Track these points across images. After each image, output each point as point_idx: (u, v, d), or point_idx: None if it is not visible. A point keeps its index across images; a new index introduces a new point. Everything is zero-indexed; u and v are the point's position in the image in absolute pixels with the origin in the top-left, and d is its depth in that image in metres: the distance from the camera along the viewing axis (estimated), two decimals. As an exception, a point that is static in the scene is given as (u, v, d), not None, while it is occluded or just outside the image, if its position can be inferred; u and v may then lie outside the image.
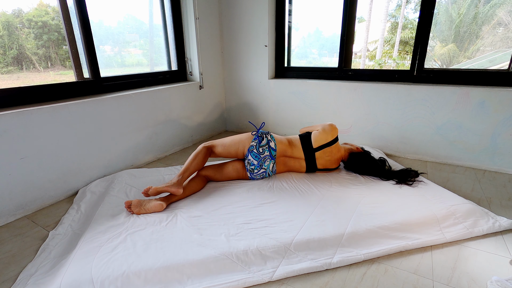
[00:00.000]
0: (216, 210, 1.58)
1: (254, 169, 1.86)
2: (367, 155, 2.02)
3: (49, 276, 1.15)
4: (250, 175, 1.90)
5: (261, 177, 1.93)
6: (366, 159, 2.00)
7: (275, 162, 1.91)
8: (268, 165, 1.88)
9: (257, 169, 1.86)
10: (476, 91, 2.14)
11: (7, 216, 1.61)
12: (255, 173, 1.88)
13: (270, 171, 1.92)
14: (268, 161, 1.87)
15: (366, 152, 2.04)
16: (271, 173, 1.94)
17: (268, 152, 1.85)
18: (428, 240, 1.36)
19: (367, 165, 1.99)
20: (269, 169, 1.90)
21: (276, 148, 1.87)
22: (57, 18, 1.99)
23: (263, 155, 1.84)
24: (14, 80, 1.85)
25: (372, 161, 2.00)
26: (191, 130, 2.88)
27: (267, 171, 1.90)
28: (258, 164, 1.85)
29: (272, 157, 1.87)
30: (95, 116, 1.97)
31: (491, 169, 2.21)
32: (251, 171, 1.88)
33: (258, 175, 1.90)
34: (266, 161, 1.86)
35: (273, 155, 1.87)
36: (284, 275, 1.18)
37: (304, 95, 2.83)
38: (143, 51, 2.74)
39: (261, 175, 1.91)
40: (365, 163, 1.99)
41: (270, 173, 1.94)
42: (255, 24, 2.86)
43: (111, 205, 1.64)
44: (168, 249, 1.26)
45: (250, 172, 1.88)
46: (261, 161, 1.85)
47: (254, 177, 1.92)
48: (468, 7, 8.41)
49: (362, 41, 11.32)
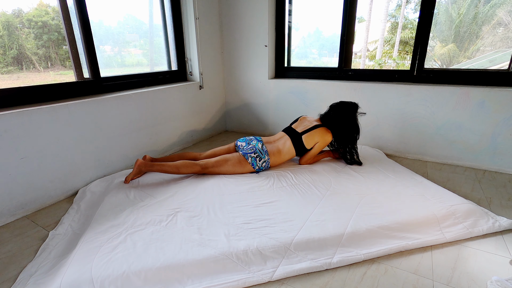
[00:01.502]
0: (216, 210, 1.58)
1: (244, 147, 2.04)
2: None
3: (49, 276, 1.15)
4: (241, 152, 2.02)
5: (252, 152, 2.00)
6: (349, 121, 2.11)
7: (263, 143, 2.06)
8: (256, 143, 2.04)
9: (245, 146, 2.04)
10: (476, 91, 2.14)
11: (7, 216, 1.61)
12: (245, 149, 2.03)
13: (260, 149, 2.02)
14: (255, 141, 2.06)
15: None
16: (262, 152, 2.01)
17: (254, 138, 2.11)
18: (428, 240, 1.36)
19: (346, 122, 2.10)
20: (258, 147, 2.02)
21: (261, 139, 2.11)
22: (57, 18, 1.99)
23: (249, 138, 2.11)
24: (14, 80, 1.85)
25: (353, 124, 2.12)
26: (191, 130, 2.88)
27: (256, 147, 2.01)
28: (246, 143, 2.06)
29: (258, 140, 2.08)
30: (95, 116, 1.97)
31: (491, 169, 2.22)
32: (242, 149, 2.04)
33: (249, 149, 2.01)
34: (253, 141, 2.07)
35: (259, 139, 2.09)
36: (284, 275, 1.18)
37: (304, 95, 2.83)
38: (143, 51, 2.74)
39: (251, 150, 2.01)
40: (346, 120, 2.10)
41: (262, 152, 2.01)
42: (255, 24, 2.86)
43: (111, 205, 1.64)
44: (168, 249, 1.26)
45: (241, 150, 2.03)
46: (248, 141, 2.08)
47: (245, 152, 2.00)
48: (468, 7, 8.41)
49: (362, 41, 11.33)
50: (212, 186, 1.85)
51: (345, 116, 2.10)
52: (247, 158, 1.99)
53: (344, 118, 2.10)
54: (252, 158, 1.99)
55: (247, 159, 1.99)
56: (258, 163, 2.00)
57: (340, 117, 2.10)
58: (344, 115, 2.10)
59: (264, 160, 2.02)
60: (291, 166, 2.17)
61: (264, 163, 2.02)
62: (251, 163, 1.99)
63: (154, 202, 1.67)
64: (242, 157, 2.00)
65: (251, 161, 1.98)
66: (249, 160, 1.98)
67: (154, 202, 1.67)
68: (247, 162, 1.99)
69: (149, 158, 2.06)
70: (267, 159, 2.02)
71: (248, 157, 1.99)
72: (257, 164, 2.00)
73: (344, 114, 2.10)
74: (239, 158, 2.00)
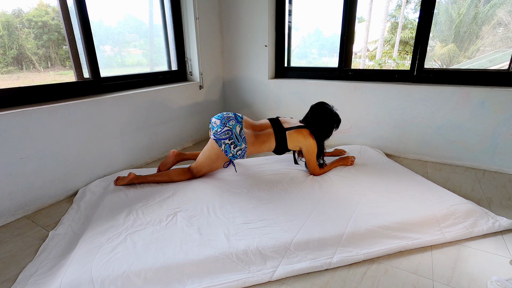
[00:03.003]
0: (216, 210, 1.58)
1: (218, 130, 1.77)
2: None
3: (49, 276, 1.15)
4: (214, 136, 1.77)
5: (226, 138, 1.75)
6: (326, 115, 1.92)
7: (242, 128, 1.80)
8: (234, 126, 1.77)
9: (220, 128, 1.76)
10: (476, 91, 2.14)
11: (7, 216, 1.61)
12: (218, 133, 1.75)
13: (238, 134, 1.76)
14: (233, 122, 1.77)
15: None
16: (240, 138, 1.77)
17: (234, 116, 1.82)
18: (428, 240, 1.36)
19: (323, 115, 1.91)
20: (236, 131, 1.76)
21: (242, 120, 1.84)
22: (57, 18, 1.99)
23: (227, 115, 1.81)
24: (14, 80, 1.85)
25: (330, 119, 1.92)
26: (191, 130, 2.88)
27: (232, 130, 1.75)
28: (221, 123, 1.78)
29: (238, 121, 1.80)
30: (95, 116, 1.97)
31: (491, 169, 2.21)
32: (215, 133, 1.77)
33: (223, 134, 1.75)
34: (231, 121, 1.78)
35: (239, 120, 1.81)
36: (284, 275, 1.18)
37: (304, 95, 2.83)
38: (143, 51, 2.74)
39: (226, 134, 1.75)
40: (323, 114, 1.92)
41: (239, 138, 1.76)
42: (255, 24, 2.86)
43: (111, 205, 1.64)
44: (168, 249, 1.26)
45: (214, 134, 1.77)
46: (224, 120, 1.78)
47: (218, 138, 1.76)
48: (468, 7, 8.42)
49: (362, 41, 11.33)
50: (212, 186, 1.85)
51: (324, 124, 1.93)
52: (220, 145, 1.75)
53: (323, 125, 1.93)
54: (226, 145, 1.75)
55: (219, 146, 1.75)
56: (232, 150, 1.76)
57: (319, 123, 1.93)
58: (323, 120, 1.93)
59: (240, 148, 1.77)
60: (291, 166, 2.17)
61: (239, 151, 1.78)
62: (224, 150, 1.75)
63: (154, 202, 1.67)
64: (215, 147, 1.77)
65: (224, 148, 1.75)
66: (222, 147, 1.75)
67: (154, 202, 1.67)
68: (220, 152, 1.76)
69: (177, 153, 2.01)
70: (243, 147, 1.78)
71: (222, 143, 1.75)
72: (230, 151, 1.76)
73: (323, 122, 1.93)
74: (210, 152, 1.80)
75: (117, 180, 1.89)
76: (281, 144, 1.92)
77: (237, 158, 1.82)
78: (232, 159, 1.81)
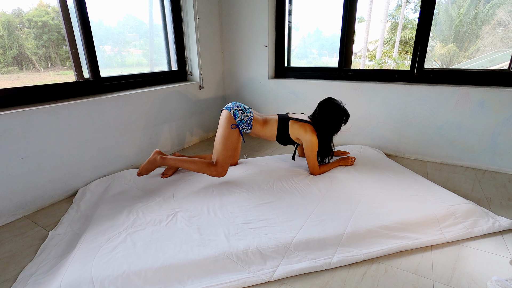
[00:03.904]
0: (216, 210, 1.58)
1: (228, 104, 1.99)
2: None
3: (49, 276, 1.15)
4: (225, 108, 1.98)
5: (235, 106, 1.95)
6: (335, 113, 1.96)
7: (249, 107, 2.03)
8: (243, 104, 2.01)
9: (231, 104, 1.99)
10: (476, 91, 2.14)
11: (7, 216, 1.61)
12: (228, 105, 1.97)
13: (245, 107, 1.98)
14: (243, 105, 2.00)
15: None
16: (247, 109, 1.98)
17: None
18: (428, 240, 1.36)
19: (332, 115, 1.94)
20: (245, 106, 1.98)
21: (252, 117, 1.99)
22: (57, 18, 1.99)
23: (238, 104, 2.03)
24: (14, 80, 1.85)
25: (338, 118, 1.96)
26: (191, 130, 2.88)
27: (241, 106, 1.97)
28: (233, 103, 2.00)
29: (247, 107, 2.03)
30: (95, 116, 1.97)
31: (491, 169, 2.21)
32: (226, 106, 1.99)
33: (233, 105, 1.96)
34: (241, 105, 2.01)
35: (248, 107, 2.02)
36: (284, 275, 1.18)
37: (304, 95, 2.83)
38: (143, 51, 2.74)
39: (235, 105, 1.96)
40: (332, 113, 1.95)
41: (246, 108, 1.98)
42: (255, 24, 2.86)
43: (111, 205, 1.65)
44: (168, 249, 1.26)
45: (225, 107, 1.98)
46: (234, 103, 2.01)
47: (228, 106, 1.96)
48: (468, 7, 8.42)
49: (362, 41, 11.34)
50: (212, 186, 1.85)
51: (332, 119, 1.95)
52: (229, 110, 1.93)
53: (330, 120, 1.95)
54: (235, 110, 1.93)
55: (229, 111, 1.93)
56: (240, 115, 1.92)
57: (326, 118, 1.95)
58: (331, 115, 1.95)
59: (247, 115, 1.95)
60: (291, 166, 2.17)
61: (246, 117, 1.93)
62: (233, 114, 1.91)
63: (154, 202, 1.68)
64: (224, 115, 1.94)
65: (233, 112, 1.92)
66: (231, 111, 1.92)
67: (154, 202, 1.67)
68: (229, 117, 1.91)
69: (178, 155, 2.10)
70: (250, 115, 1.95)
71: (231, 109, 1.93)
72: (239, 116, 1.91)
73: (330, 114, 1.95)
74: (221, 122, 1.94)
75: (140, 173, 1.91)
76: (283, 131, 1.98)
77: (244, 125, 1.94)
78: (240, 124, 1.92)
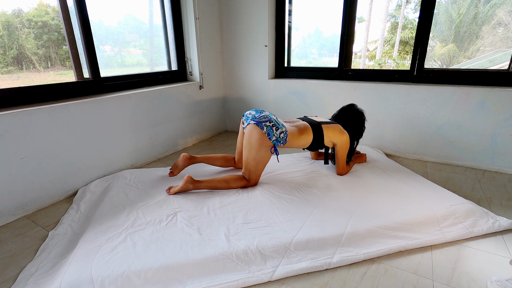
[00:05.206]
0: (216, 210, 1.58)
1: (255, 115, 1.72)
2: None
3: (49, 276, 1.15)
4: (253, 121, 1.69)
5: (266, 121, 1.67)
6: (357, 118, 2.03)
7: (277, 117, 1.79)
8: (270, 114, 1.76)
9: (257, 113, 1.73)
10: (476, 91, 2.14)
11: (7, 216, 1.61)
12: (257, 117, 1.69)
13: (276, 119, 1.72)
14: (268, 112, 1.77)
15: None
16: (279, 122, 1.71)
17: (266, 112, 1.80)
18: (428, 240, 1.36)
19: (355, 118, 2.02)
20: (274, 117, 1.73)
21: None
22: (57, 18, 1.99)
23: (260, 110, 1.79)
24: (14, 80, 1.85)
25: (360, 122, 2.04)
26: (191, 130, 2.88)
27: (270, 116, 1.71)
28: (257, 111, 1.76)
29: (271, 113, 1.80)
30: (95, 116, 1.97)
31: (491, 169, 2.21)
32: (254, 118, 1.71)
33: (262, 118, 1.69)
34: (265, 111, 1.77)
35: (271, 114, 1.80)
36: (284, 275, 1.18)
37: (304, 95, 2.83)
38: (143, 51, 2.74)
39: (265, 118, 1.68)
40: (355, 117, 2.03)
41: (278, 122, 1.70)
42: (255, 24, 2.86)
43: (111, 205, 1.65)
44: (168, 249, 1.26)
45: (253, 119, 1.70)
46: (259, 110, 1.78)
47: (259, 121, 1.67)
48: (468, 7, 8.42)
49: (362, 41, 11.33)
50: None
51: (356, 122, 2.03)
52: (261, 128, 1.63)
53: (354, 123, 2.03)
54: (268, 127, 1.64)
55: (261, 129, 1.63)
56: (275, 132, 1.65)
57: (352, 121, 2.03)
58: (355, 120, 2.03)
59: (282, 130, 1.67)
60: (291, 166, 2.17)
61: (282, 133, 1.67)
62: (266, 132, 1.63)
63: (154, 202, 1.68)
64: (255, 132, 1.64)
65: (266, 130, 1.63)
66: (264, 130, 1.63)
67: (154, 202, 1.67)
68: (263, 135, 1.63)
69: (188, 156, 1.99)
70: (285, 130, 1.68)
71: (263, 126, 1.63)
72: (273, 134, 1.64)
73: (355, 119, 2.03)
74: (251, 141, 1.65)
75: (169, 189, 1.77)
76: (318, 138, 1.84)
77: (280, 143, 1.69)
78: (276, 143, 1.67)
